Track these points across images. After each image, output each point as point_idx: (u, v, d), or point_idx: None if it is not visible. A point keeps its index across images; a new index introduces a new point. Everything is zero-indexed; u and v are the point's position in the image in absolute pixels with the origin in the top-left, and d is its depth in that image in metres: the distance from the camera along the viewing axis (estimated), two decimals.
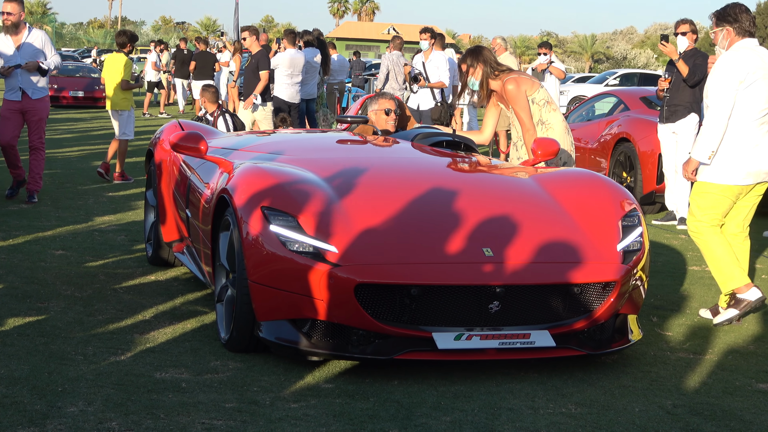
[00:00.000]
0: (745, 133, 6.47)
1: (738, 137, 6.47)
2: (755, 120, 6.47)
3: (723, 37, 6.61)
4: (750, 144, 6.48)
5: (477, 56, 7.44)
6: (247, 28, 15.55)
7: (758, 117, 6.47)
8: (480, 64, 7.42)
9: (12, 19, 9.88)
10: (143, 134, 19.60)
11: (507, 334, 5.10)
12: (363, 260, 5.07)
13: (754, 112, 6.45)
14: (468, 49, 7.63)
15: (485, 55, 7.44)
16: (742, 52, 6.48)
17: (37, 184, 10.32)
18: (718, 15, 6.64)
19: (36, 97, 10.14)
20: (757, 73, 6.42)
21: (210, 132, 7.76)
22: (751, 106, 6.44)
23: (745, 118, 6.45)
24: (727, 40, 6.59)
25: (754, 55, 6.47)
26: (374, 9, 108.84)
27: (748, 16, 6.58)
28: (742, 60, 6.43)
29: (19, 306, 6.25)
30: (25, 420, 4.29)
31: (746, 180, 6.52)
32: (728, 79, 6.41)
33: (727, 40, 6.59)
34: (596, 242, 5.45)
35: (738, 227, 6.75)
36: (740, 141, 6.47)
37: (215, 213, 5.84)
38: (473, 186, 6.04)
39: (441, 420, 4.54)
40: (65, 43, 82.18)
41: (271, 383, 4.95)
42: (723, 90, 6.41)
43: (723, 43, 6.62)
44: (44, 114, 10.30)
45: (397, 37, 16.18)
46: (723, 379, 5.36)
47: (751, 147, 6.48)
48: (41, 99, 10.21)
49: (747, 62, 6.42)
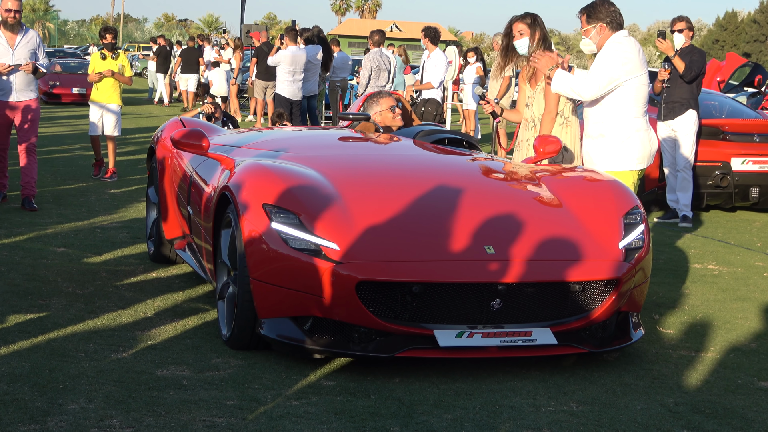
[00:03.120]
0: (638, 121, 6.85)
1: (629, 124, 6.83)
2: (642, 108, 6.87)
3: (596, 32, 6.89)
4: (639, 131, 6.86)
5: (536, 23, 7.26)
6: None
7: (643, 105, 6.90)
8: (538, 31, 7.26)
9: (18, 16, 9.78)
10: (145, 131, 19.61)
11: (509, 332, 5.10)
12: (365, 258, 5.06)
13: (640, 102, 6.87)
14: (529, 13, 7.33)
15: (543, 27, 7.29)
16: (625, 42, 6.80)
17: (33, 189, 9.98)
18: (587, 12, 6.91)
19: (29, 98, 9.91)
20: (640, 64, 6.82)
21: (212, 129, 7.76)
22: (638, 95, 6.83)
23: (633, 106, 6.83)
24: (600, 35, 6.87)
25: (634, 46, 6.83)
26: (376, 6, 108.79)
27: (616, 9, 6.89)
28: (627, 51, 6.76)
29: (21, 303, 6.25)
30: (26, 417, 4.29)
31: (639, 165, 6.88)
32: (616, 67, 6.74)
33: (600, 35, 6.87)
34: (598, 240, 5.44)
35: None
36: (631, 128, 6.83)
37: (217, 210, 5.84)
38: (475, 183, 6.03)
39: (442, 418, 4.53)
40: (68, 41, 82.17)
41: (273, 381, 4.95)
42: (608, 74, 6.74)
43: (596, 37, 6.89)
44: (37, 115, 10.07)
45: (376, 32, 16.04)
46: (725, 377, 5.35)
47: (641, 134, 6.87)
48: (34, 100, 10.00)
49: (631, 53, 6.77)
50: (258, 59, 19.81)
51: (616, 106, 6.82)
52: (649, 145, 6.91)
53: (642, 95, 6.84)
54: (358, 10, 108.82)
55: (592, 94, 6.77)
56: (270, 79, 18.68)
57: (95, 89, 12.46)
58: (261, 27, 28.77)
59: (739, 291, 7.49)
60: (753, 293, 7.44)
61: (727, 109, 12.40)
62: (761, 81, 20.14)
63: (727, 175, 11.21)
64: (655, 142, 6.99)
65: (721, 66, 21.38)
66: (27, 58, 9.80)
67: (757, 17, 77.79)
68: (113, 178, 12.33)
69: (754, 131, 11.52)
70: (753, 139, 11.42)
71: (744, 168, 11.28)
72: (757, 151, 11.33)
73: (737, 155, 11.28)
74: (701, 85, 10.83)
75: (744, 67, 21.36)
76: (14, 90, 9.79)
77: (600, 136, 6.89)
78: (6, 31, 9.75)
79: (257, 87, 20.02)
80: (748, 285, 7.73)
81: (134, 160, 14.68)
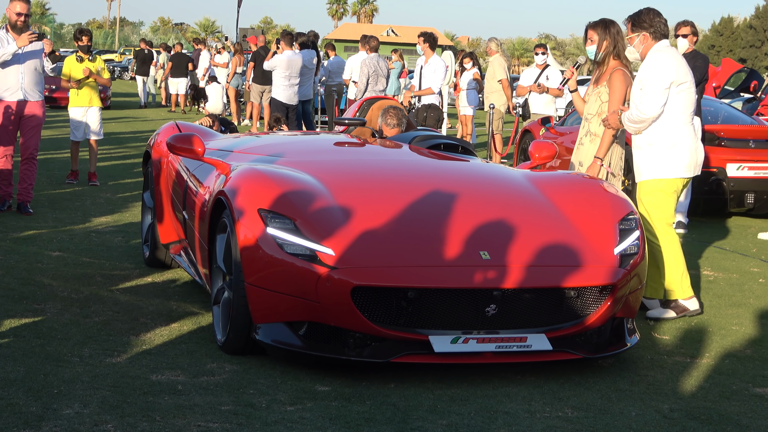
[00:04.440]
0: (684, 128, 6.75)
1: (676, 132, 6.73)
2: (688, 116, 6.78)
3: (639, 41, 6.84)
4: (687, 139, 6.75)
5: (607, 31, 7.36)
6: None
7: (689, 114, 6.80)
8: (607, 39, 7.34)
9: (26, 20, 9.78)
10: (141, 135, 19.61)
11: (504, 338, 5.10)
12: (360, 263, 5.06)
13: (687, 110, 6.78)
14: (604, 20, 7.46)
15: (616, 35, 7.36)
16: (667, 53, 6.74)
17: (29, 195, 9.94)
18: (633, 20, 6.86)
19: (36, 100, 9.90)
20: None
21: (207, 134, 7.76)
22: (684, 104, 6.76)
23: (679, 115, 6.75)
24: (643, 45, 6.82)
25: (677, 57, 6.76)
26: (373, 11, 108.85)
27: (661, 20, 6.83)
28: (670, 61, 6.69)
29: (16, 307, 6.25)
30: (20, 422, 4.28)
31: (687, 172, 6.78)
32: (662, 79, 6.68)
33: (643, 44, 6.82)
34: (593, 246, 5.45)
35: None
36: (678, 135, 6.73)
37: (212, 215, 5.83)
38: (471, 189, 6.03)
39: (437, 423, 4.53)
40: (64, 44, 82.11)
41: (268, 386, 4.94)
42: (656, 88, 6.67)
43: (639, 46, 6.85)
44: (41, 121, 10.03)
45: (373, 38, 16.05)
46: (720, 383, 5.35)
47: (689, 141, 6.77)
48: (40, 104, 9.99)
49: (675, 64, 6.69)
50: (255, 63, 19.82)
51: (662, 115, 6.71)
52: (696, 154, 6.80)
53: (687, 103, 6.73)
54: (355, 14, 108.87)
55: (654, 112, 6.65)
56: (266, 84, 18.68)
57: (75, 94, 12.26)
58: (257, 31, 28.82)
59: (734, 297, 7.50)
60: (748, 299, 7.44)
61: (722, 114, 12.41)
62: (756, 87, 20.18)
63: (723, 181, 11.23)
64: (701, 150, 6.88)
65: (717, 72, 21.43)
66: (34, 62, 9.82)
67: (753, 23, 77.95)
68: (96, 182, 12.25)
69: (749, 137, 11.55)
70: (748, 145, 11.44)
71: (739, 174, 11.30)
72: (753, 157, 11.35)
73: (733, 161, 11.30)
74: (704, 91, 10.83)
75: (740, 72, 21.39)
76: (23, 89, 9.78)
77: (648, 144, 6.78)
78: (15, 34, 9.77)
79: (254, 91, 20.02)
80: (743, 291, 7.74)
81: (129, 164, 14.68)
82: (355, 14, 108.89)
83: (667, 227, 6.79)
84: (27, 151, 9.92)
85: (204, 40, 31.73)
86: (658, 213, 6.78)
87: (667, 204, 6.79)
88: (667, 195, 6.78)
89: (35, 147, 9.97)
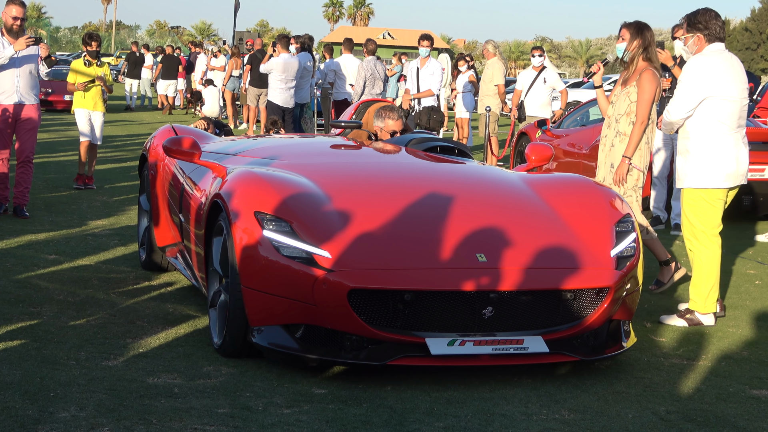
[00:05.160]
0: (723, 138, 6.62)
1: (715, 141, 6.61)
2: (733, 125, 6.63)
3: (693, 42, 6.75)
4: (728, 149, 6.63)
5: (640, 32, 7.37)
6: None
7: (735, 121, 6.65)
8: (639, 39, 7.35)
9: (22, 24, 9.78)
10: (137, 138, 19.60)
11: (500, 340, 5.09)
12: (356, 266, 5.06)
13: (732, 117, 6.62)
14: (638, 22, 7.47)
15: (647, 37, 7.38)
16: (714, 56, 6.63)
17: (26, 198, 9.88)
18: (689, 20, 6.77)
19: (31, 103, 9.89)
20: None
21: (204, 137, 7.75)
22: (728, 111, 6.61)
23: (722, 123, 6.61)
24: (697, 46, 6.73)
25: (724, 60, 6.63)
26: (369, 14, 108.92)
27: (718, 22, 6.71)
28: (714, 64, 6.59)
29: (12, 310, 6.24)
30: (16, 425, 4.27)
31: (726, 183, 6.65)
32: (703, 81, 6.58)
33: (697, 45, 6.73)
34: (590, 248, 5.45)
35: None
36: (718, 145, 6.61)
37: (208, 218, 5.83)
38: (467, 191, 6.03)
39: (434, 426, 4.53)
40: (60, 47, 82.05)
41: (264, 389, 4.94)
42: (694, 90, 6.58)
43: (693, 47, 6.76)
44: (36, 125, 10.02)
45: (371, 41, 16.07)
46: (716, 386, 5.36)
47: (730, 152, 6.64)
48: (35, 107, 9.98)
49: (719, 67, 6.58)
50: (251, 66, 19.81)
51: (702, 122, 6.61)
52: (737, 164, 6.67)
53: (731, 112, 6.60)
54: (351, 17, 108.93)
55: (680, 116, 6.60)
56: (263, 87, 18.69)
57: (80, 97, 12.29)
58: (253, 34, 28.81)
59: (730, 299, 7.50)
60: (744, 301, 7.45)
61: None
62: (753, 89, 20.20)
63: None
64: (745, 160, 6.76)
65: None
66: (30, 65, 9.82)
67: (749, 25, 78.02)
68: (93, 186, 12.24)
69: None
70: None
71: None
72: (749, 159, 11.32)
73: None
74: None
75: None
76: (18, 92, 9.77)
77: (688, 152, 6.68)
78: (10, 38, 9.76)
79: (250, 94, 20.02)
80: (739, 293, 7.74)
81: (126, 167, 14.67)
82: (350, 17, 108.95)
83: (710, 237, 6.67)
84: (23, 154, 9.91)
85: (201, 43, 31.78)
86: (699, 222, 6.66)
87: (710, 213, 6.65)
88: (709, 204, 6.65)
89: (31, 150, 9.97)
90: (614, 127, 7.46)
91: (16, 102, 9.77)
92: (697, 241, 6.69)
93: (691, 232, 6.71)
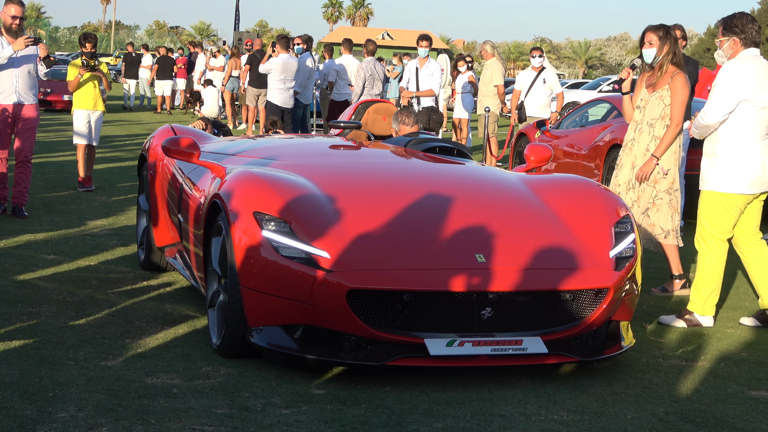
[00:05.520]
0: (752, 144, 6.56)
1: (743, 147, 6.55)
2: (762, 131, 6.57)
3: (729, 45, 6.68)
4: (754, 155, 6.56)
5: (668, 35, 7.40)
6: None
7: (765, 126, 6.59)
8: (668, 44, 7.38)
9: (21, 23, 9.77)
10: (136, 138, 19.59)
11: (499, 341, 5.09)
12: (355, 266, 5.06)
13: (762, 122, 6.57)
14: (664, 25, 7.50)
15: (675, 42, 7.41)
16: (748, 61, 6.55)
17: (24, 198, 9.86)
18: (725, 23, 6.70)
19: (30, 103, 9.88)
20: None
21: (203, 137, 7.75)
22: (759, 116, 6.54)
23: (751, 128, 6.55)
24: (732, 50, 6.66)
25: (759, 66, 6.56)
26: (368, 14, 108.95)
27: (754, 26, 6.65)
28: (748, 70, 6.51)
29: (11, 310, 6.23)
30: (15, 425, 4.27)
31: (751, 189, 6.58)
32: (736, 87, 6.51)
33: (732, 49, 6.66)
34: (589, 249, 5.45)
35: (752, 232, 6.78)
36: (745, 150, 6.55)
37: (207, 218, 5.83)
38: (466, 192, 6.03)
39: (433, 426, 4.53)
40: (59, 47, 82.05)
41: (263, 389, 4.94)
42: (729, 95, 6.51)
43: (728, 51, 6.69)
44: (35, 124, 10.00)
45: (370, 42, 16.08)
46: (715, 387, 5.36)
47: (757, 158, 6.57)
48: (34, 107, 9.96)
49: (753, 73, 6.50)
50: (251, 66, 19.81)
51: (733, 127, 6.54)
52: (763, 171, 6.57)
53: (762, 119, 6.52)
54: (350, 17, 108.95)
55: (715, 119, 6.53)
56: (262, 87, 18.69)
57: (79, 97, 12.26)
58: (253, 35, 28.79)
59: (729, 300, 7.50)
60: (743, 302, 7.45)
61: None
62: None
63: None
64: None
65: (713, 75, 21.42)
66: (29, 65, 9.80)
67: None
68: (92, 187, 12.19)
69: None
70: None
71: None
72: None
73: None
74: (693, 94, 10.83)
75: None
76: (17, 92, 9.76)
77: (714, 155, 6.63)
78: (9, 37, 9.75)
79: (249, 94, 20.02)
80: (738, 294, 7.75)
81: (125, 167, 14.66)
82: (350, 18, 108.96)
83: (717, 241, 6.65)
84: (21, 154, 9.91)
85: (200, 43, 31.77)
86: (711, 225, 6.64)
87: (724, 219, 6.62)
88: (725, 209, 6.60)
89: (30, 150, 9.96)
90: (648, 131, 7.47)
91: (14, 102, 9.76)
92: (705, 243, 6.68)
93: (701, 233, 6.70)
